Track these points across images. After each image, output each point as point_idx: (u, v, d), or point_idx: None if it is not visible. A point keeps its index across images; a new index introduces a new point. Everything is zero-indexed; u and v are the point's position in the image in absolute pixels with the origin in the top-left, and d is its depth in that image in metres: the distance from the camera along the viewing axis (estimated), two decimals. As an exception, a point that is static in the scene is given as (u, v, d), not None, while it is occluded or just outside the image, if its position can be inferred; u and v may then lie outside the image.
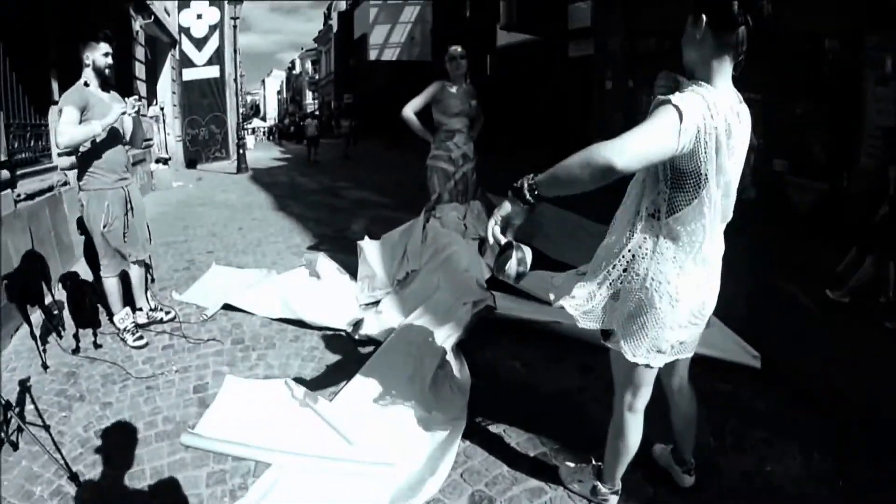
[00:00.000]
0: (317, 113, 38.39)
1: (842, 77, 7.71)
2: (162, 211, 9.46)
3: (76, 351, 3.83)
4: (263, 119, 78.93)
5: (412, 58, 22.82)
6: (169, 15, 17.94)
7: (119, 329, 3.99)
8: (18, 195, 5.69)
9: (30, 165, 6.43)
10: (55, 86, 7.10)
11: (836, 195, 7.54)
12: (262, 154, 26.93)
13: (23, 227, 5.34)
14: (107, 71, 3.95)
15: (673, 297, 1.80)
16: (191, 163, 20.55)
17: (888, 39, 7.05)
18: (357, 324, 3.99)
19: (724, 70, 1.72)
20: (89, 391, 3.29)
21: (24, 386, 2.95)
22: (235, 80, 22.36)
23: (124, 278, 4.19)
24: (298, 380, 3.35)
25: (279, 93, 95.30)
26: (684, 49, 1.79)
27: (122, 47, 11.55)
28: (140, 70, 13.22)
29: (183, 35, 19.50)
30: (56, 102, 7.04)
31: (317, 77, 61.11)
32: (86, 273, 4.58)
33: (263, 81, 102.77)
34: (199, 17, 18.15)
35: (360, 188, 12.46)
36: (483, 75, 18.27)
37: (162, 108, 19.27)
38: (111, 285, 4.04)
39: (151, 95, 18.18)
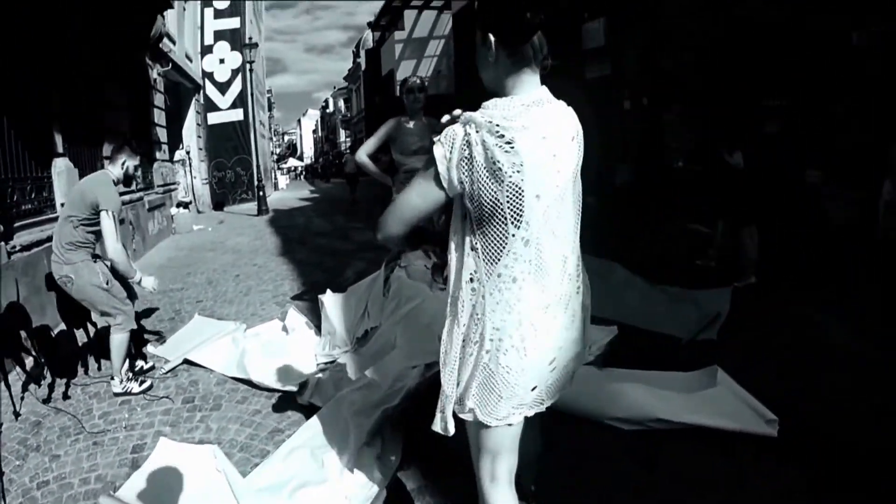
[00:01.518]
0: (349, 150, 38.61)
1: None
2: (172, 256, 9.41)
3: (46, 400, 3.85)
4: (300, 158, 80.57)
5: (440, 91, 22.19)
6: (192, 61, 18.41)
7: (121, 379, 3.90)
8: (13, 247, 5.61)
9: (32, 216, 6.42)
10: (59, 139, 7.13)
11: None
12: (291, 194, 27.20)
13: (15, 278, 5.25)
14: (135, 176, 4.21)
15: (520, 351, 1.52)
16: (218, 205, 20.86)
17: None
18: (303, 386, 3.65)
19: (527, 81, 1.54)
20: (46, 442, 3.33)
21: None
22: (253, 122, 22.66)
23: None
24: (235, 444, 3.19)
25: (314, 132, 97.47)
26: (480, 71, 1.62)
27: (139, 95, 11.76)
28: (159, 117, 13.43)
29: (206, 80, 19.97)
30: (60, 155, 7.12)
31: (349, 115, 62.06)
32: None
33: (299, 121, 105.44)
34: (222, 62, 18.55)
35: (369, 229, 12.10)
36: None
37: (188, 152, 19.70)
38: (123, 340, 3.93)
39: (176, 140, 18.60)
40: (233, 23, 19.98)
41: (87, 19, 8.15)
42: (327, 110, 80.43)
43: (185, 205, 14.60)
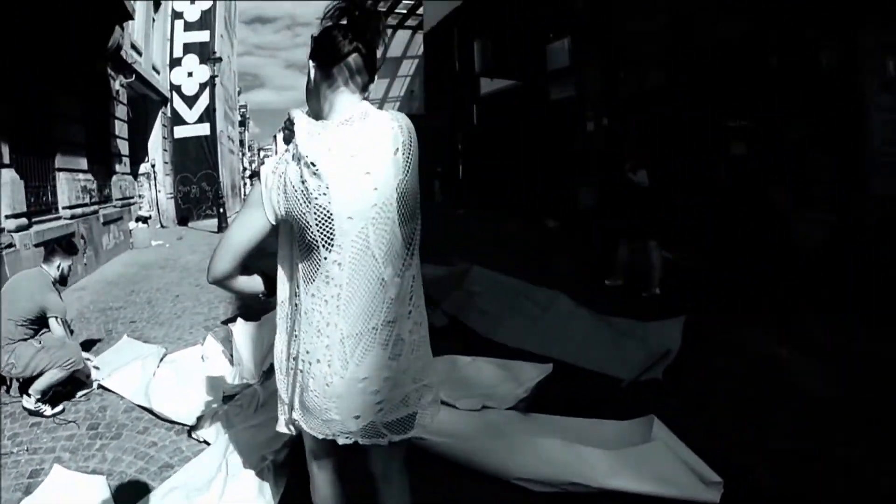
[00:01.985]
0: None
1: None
2: (122, 272, 9.15)
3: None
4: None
5: (412, 111, 22.30)
6: (159, 73, 18.17)
7: (37, 398, 3.82)
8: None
9: None
10: (5, 149, 6.92)
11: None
12: None
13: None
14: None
15: (326, 376, 1.54)
16: (183, 220, 20.47)
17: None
18: (199, 420, 3.46)
19: (344, 101, 1.56)
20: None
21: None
22: (220, 137, 22.42)
23: None
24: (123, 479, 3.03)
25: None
26: (307, 101, 1.66)
27: (98, 106, 11.53)
28: (121, 128, 13.17)
29: (174, 92, 19.71)
30: (6, 166, 6.93)
31: None
32: None
33: (275, 137, 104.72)
34: (190, 75, 18.34)
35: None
36: (469, 125, 18.20)
37: (153, 166, 19.37)
38: (58, 375, 3.90)
39: (141, 152, 18.31)
40: (202, 36, 19.78)
41: (36, 28, 7.98)
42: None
43: (145, 219, 14.24)
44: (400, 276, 1.53)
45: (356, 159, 1.45)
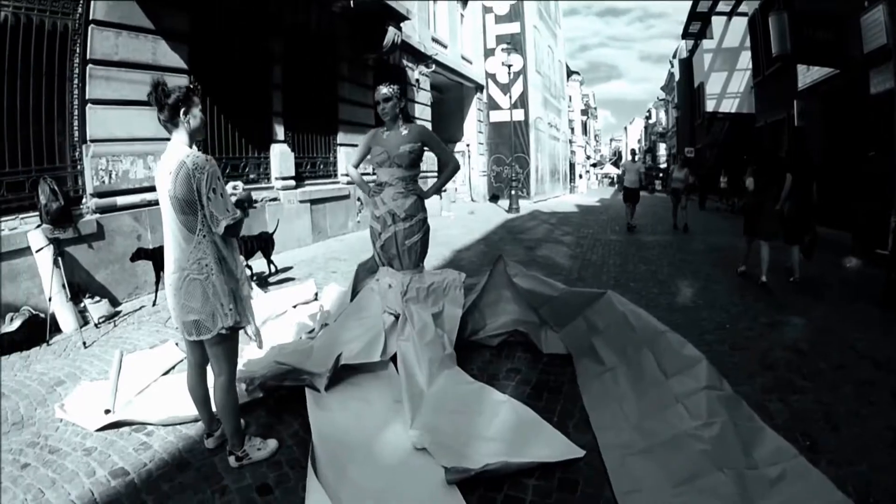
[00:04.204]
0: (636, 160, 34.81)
1: None
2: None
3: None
4: (617, 166, 79.29)
5: (752, 110, 18.76)
6: (471, 63, 20.40)
7: None
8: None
9: (255, 183, 8.86)
10: (280, 129, 9.37)
11: None
12: (575, 199, 26.95)
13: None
14: None
15: None
16: (493, 197, 22.61)
17: None
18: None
19: (175, 136, 2.57)
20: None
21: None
22: (534, 123, 23.63)
23: None
24: None
25: (639, 141, 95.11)
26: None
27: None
28: (422, 111, 15.54)
29: (489, 80, 21.81)
30: (280, 141, 9.27)
31: (665, 127, 58.45)
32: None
33: (626, 129, 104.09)
34: (504, 64, 19.89)
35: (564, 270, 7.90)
36: (790, 124, 14.23)
37: (468, 145, 21.90)
38: None
39: (458, 132, 21.17)
40: (513, 27, 21.37)
41: (317, 31, 10.23)
42: (650, 120, 77.65)
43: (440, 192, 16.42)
44: (173, 254, 2.58)
45: (160, 172, 2.57)
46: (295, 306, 5.54)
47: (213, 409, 2.82)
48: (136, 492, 2.56)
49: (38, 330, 4.74)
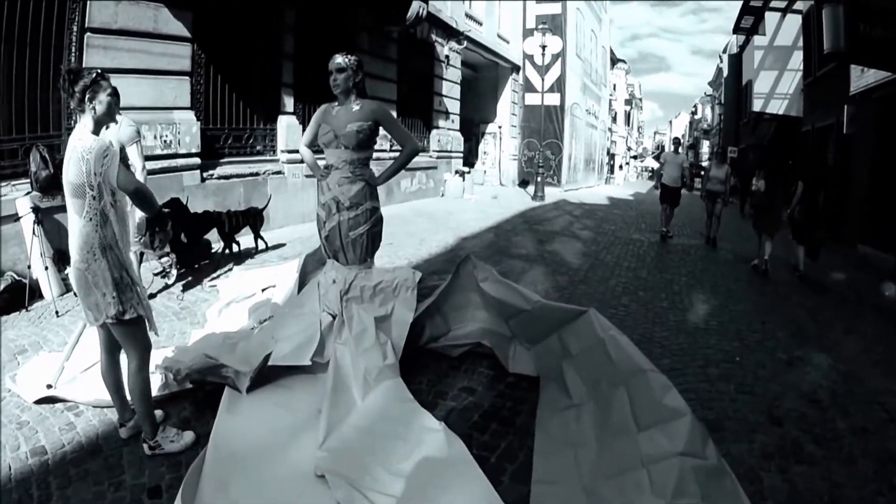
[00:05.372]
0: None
1: None
2: (395, 213, 10.63)
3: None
4: (658, 159, 77.37)
5: (800, 114, 17.30)
6: (508, 42, 19.63)
7: None
8: (210, 174, 7.38)
9: (261, 155, 8.73)
10: (289, 101, 9.03)
11: None
12: (607, 192, 26.04)
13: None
14: None
15: None
16: (523, 182, 21.96)
17: None
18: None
19: (82, 121, 2.48)
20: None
21: None
22: (569, 109, 22.77)
23: None
24: None
25: (683, 136, 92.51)
26: None
27: (426, 67, 13.78)
28: (449, 89, 15.03)
29: (527, 61, 21.00)
30: (287, 113, 8.86)
31: (710, 123, 56.04)
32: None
33: (671, 122, 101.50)
34: (542, 46, 19.01)
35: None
36: (838, 131, 12.92)
37: (500, 127, 21.23)
38: None
39: (491, 114, 20.64)
40: (554, 8, 20.42)
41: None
42: (695, 116, 75.21)
43: (462, 174, 15.91)
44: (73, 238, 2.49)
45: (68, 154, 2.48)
46: (264, 290, 5.10)
47: (128, 397, 2.76)
48: (46, 473, 2.52)
49: (20, 296, 4.74)
